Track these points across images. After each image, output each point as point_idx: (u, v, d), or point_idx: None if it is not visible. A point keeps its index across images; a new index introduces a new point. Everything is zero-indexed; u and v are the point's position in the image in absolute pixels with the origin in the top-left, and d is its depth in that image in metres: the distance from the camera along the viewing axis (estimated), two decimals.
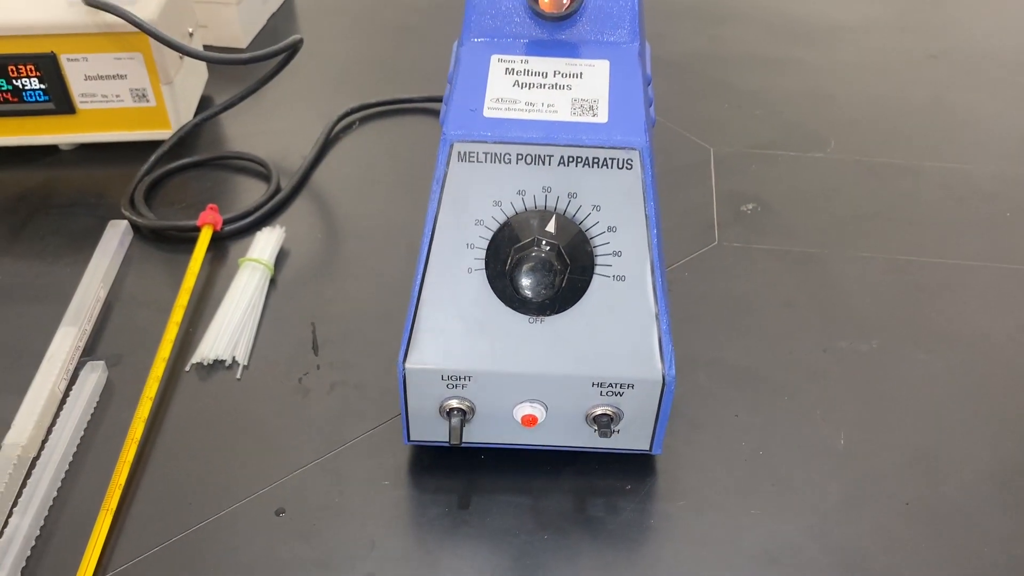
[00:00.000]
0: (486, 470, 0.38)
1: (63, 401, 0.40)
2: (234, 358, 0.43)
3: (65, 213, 0.52)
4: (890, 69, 0.67)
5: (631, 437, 0.37)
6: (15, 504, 0.36)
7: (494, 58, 0.36)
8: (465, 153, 0.34)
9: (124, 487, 0.37)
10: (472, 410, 0.36)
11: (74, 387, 0.41)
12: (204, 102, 0.62)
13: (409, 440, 0.38)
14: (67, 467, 0.38)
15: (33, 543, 0.35)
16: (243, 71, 0.64)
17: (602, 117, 0.34)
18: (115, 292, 0.47)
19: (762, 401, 0.42)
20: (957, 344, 0.45)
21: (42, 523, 0.36)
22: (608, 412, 0.36)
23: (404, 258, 0.50)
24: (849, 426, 0.41)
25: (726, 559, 0.35)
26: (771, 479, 0.38)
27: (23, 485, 0.36)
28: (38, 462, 0.37)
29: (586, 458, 0.39)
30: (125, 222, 0.51)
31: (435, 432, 0.38)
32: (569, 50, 0.37)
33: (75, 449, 0.39)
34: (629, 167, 0.34)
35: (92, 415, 0.40)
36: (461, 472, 0.38)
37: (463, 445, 0.37)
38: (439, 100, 0.62)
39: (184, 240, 0.50)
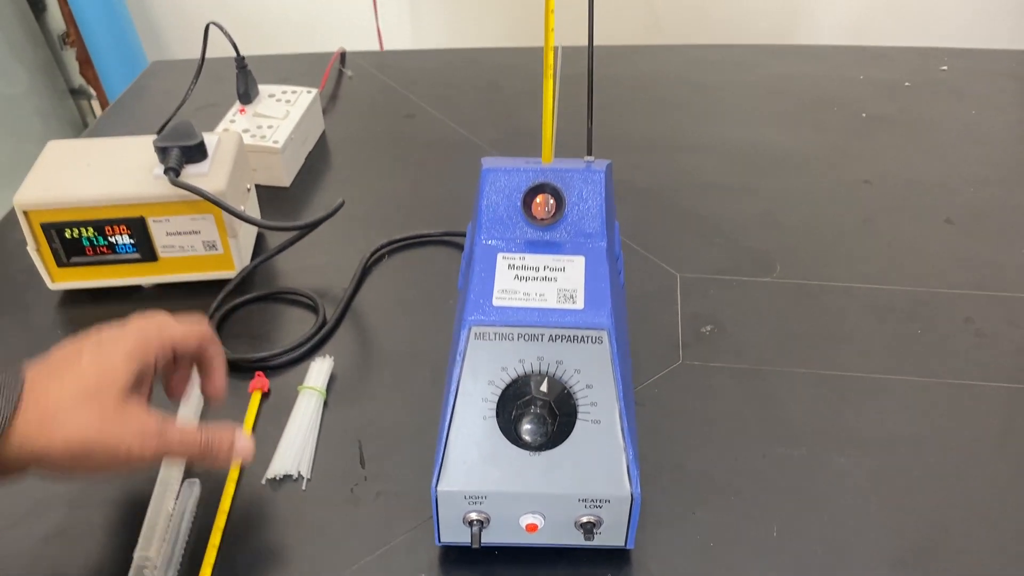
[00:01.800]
0: (500, 564, 0.50)
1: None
2: (299, 472, 0.55)
3: None
4: (829, 195, 0.79)
5: (610, 536, 0.49)
6: None
7: (500, 256, 0.48)
8: (480, 333, 0.46)
9: None
10: (488, 520, 0.48)
11: (178, 503, 0.52)
12: (259, 239, 0.75)
13: (440, 542, 0.50)
14: (178, 568, 0.50)
15: None
16: (291, 210, 0.77)
17: (579, 304, 0.46)
18: None
19: (714, 500, 0.53)
20: (870, 449, 0.56)
21: None
22: (591, 520, 0.48)
23: (429, 381, 0.61)
24: (780, 520, 0.52)
25: None
26: (721, 567, 0.50)
27: None
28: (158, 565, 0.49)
29: (576, 553, 0.50)
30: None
31: (460, 535, 0.49)
32: (555, 248, 0.49)
33: (181, 553, 0.51)
34: (600, 342, 0.46)
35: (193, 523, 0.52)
36: (481, 566, 0.50)
37: (482, 546, 0.49)
38: (452, 234, 0.75)
39: (252, 370, 0.62)
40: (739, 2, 1.46)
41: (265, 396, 0.61)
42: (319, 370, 0.61)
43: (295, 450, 0.56)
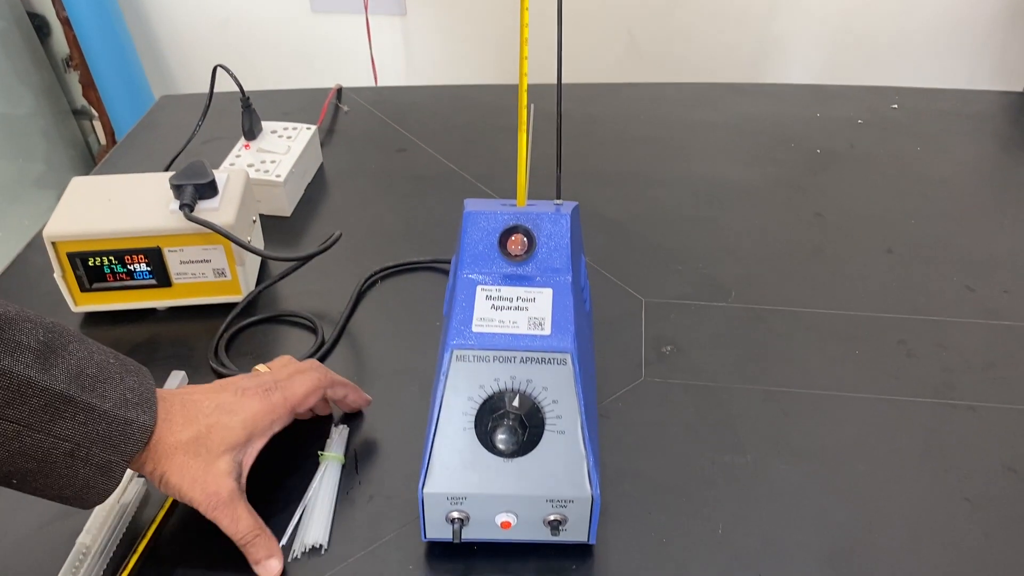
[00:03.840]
0: (478, 558, 0.57)
1: None
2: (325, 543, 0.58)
3: (167, 364, 0.71)
4: (783, 226, 0.87)
5: (574, 533, 0.56)
6: None
7: (479, 289, 0.56)
8: (461, 355, 0.53)
9: None
10: (468, 518, 0.55)
11: (123, 498, 0.59)
12: (263, 265, 0.82)
13: (426, 538, 0.56)
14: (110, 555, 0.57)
15: None
16: (292, 239, 0.85)
17: (547, 330, 0.53)
18: None
19: (667, 502, 0.60)
20: (807, 457, 0.63)
21: None
22: (558, 518, 0.55)
23: (417, 396, 0.68)
24: (726, 520, 0.59)
25: None
26: (670, 559, 0.57)
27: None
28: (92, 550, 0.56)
29: (544, 548, 0.57)
30: (183, 372, 0.69)
31: (443, 532, 0.56)
32: (526, 281, 0.56)
33: (117, 542, 0.57)
34: (564, 363, 0.53)
35: (133, 517, 0.59)
36: (462, 559, 0.57)
37: (462, 541, 0.56)
38: (439, 261, 0.82)
39: None
40: (715, 40, 1.55)
41: None
42: (339, 437, 0.65)
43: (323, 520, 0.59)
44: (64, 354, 0.49)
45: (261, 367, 0.62)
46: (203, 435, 0.54)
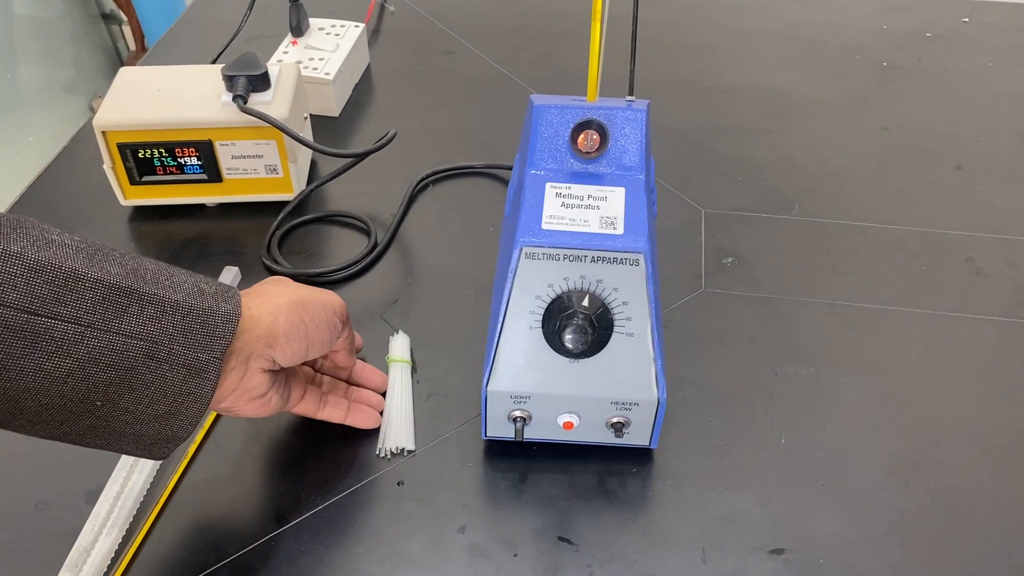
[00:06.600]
0: (538, 458, 0.57)
1: None
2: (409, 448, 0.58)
3: (219, 259, 0.70)
4: (848, 139, 0.84)
5: (636, 436, 0.55)
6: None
7: (548, 186, 0.54)
8: (530, 253, 0.52)
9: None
10: (530, 417, 0.55)
11: None
12: (311, 166, 0.80)
13: (486, 436, 0.56)
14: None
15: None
16: (340, 139, 0.83)
17: (619, 230, 0.52)
18: None
19: (729, 411, 0.60)
20: (872, 371, 0.62)
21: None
22: (621, 420, 0.54)
23: (472, 299, 0.67)
24: (789, 430, 0.58)
25: (698, 519, 0.54)
26: (732, 466, 0.56)
27: None
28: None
29: (606, 450, 0.57)
30: (236, 268, 0.68)
31: (504, 431, 0.56)
32: (597, 179, 0.54)
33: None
34: (636, 264, 0.51)
35: None
36: (521, 458, 0.57)
37: (523, 440, 0.56)
38: (494, 167, 0.80)
39: (309, 283, 0.68)
40: None
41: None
42: (402, 343, 0.63)
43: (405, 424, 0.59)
44: (113, 255, 0.43)
45: None
46: (299, 301, 0.51)
